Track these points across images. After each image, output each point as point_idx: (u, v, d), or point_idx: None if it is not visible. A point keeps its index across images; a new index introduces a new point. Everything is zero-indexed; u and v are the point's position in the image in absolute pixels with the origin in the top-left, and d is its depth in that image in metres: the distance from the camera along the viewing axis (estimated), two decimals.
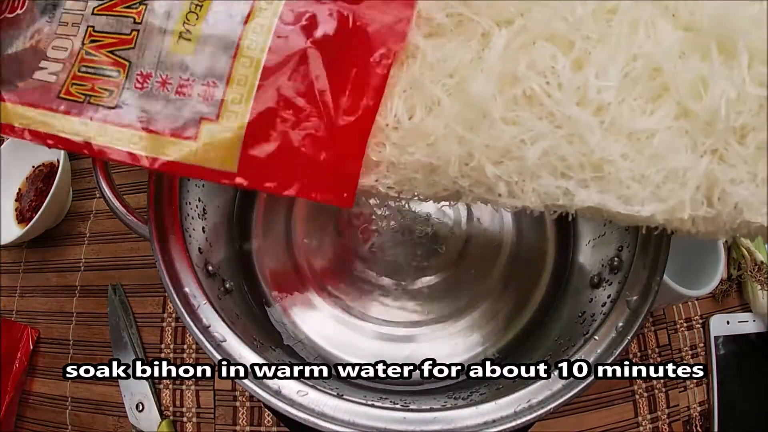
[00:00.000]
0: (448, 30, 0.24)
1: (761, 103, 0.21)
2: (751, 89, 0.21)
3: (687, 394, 0.48)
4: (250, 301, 0.46)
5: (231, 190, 0.49)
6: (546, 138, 0.22)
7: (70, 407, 0.50)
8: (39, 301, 0.55)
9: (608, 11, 0.23)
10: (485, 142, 0.23)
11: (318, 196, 0.26)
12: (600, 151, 0.22)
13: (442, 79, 0.24)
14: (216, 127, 0.26)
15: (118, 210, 0.37)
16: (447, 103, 0.23)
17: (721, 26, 0.22)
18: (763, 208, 0.21)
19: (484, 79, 0.23)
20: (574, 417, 0.46)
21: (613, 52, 0.22)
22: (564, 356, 0.33)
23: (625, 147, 0.22)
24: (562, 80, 0.22)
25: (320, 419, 0.29)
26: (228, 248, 0.46)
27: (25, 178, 0.58)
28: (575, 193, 0.23)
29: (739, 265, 0.51)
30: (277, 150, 0.26)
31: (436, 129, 0.23)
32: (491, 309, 0.46)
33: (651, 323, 0.50)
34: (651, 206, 0.22)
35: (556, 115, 0.22)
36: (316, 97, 0.26)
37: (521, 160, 0.23)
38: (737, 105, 0.21)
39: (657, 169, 0.22)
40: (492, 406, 0.30)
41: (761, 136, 0.21)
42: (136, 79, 0.28)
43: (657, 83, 0.22)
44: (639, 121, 0.22)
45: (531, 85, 0.22)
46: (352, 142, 0.25)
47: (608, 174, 0.22)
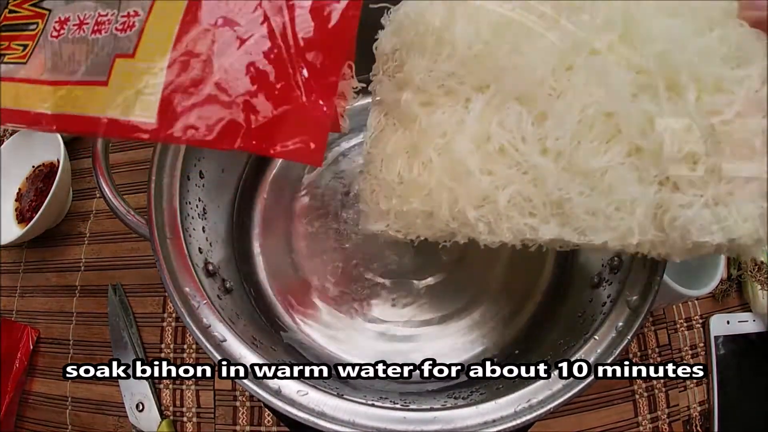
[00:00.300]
0: (439, 98, 0.29)
1: (710, 131, 0.24)
2: (698, 119, 0.24)
3: (687, 393, 0.48)
4: (250, 300, 0.45)
5: (232, 190, 0.49)
6: (515, 183, 0.26)
7: (70, 407, 0.50)
8: (39, 301, 0.55)
9: (567, 68, 0.26)
10: (467, 190, 0.27)
11: (271, 149, 0.22)
12: (559, 191, 0.26)
13: (434, 140, 0.28)
14: (132, 65, 0.22)
15: (118, 210, 0.37)
16: (437, 160, 0.28)
17: (667, 64, 0.24)
18: (713, 226, 0.24)
19: (465, 139, 0.27)
20: (574, 417, 0.46)
21: (570, 103, 0.26)
22: (564, 356, 0.33)
23: (581, 185, 0.25)
24: (525, 134, 0.26)
25: (320, 419, 0.29)
26: (228, 248, 0.46)
27: (25, 178, 0.58)
28: (539, 228, 0.26)
29: (739, 264, 0.51)
30: (208, 97, 0.21)
31: (430, 182, 0.28)
32: (491, 309, 0.46)
33: (651, 323, 0.50)
34: (604, 235, 0.25)
35: (522, 163, 0.26)
36: (268, 17, 0.22)
37: (496, 203, 0.27)
38: (685, 135, 0.24)
39: (608, 201, 0.25)
40: (492, 405, 0.30)
41: (711, 160, 0.24)
42: (53, 27, 0.25)
43: (611, 125, 0.25)
44: (593, 161, 0.25)
45: (501, 141, 0.27)
46: (321, 87, 0.22)
47: (567, 210, 0.26)
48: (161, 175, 0.38)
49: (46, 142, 0.56)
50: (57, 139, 0.55)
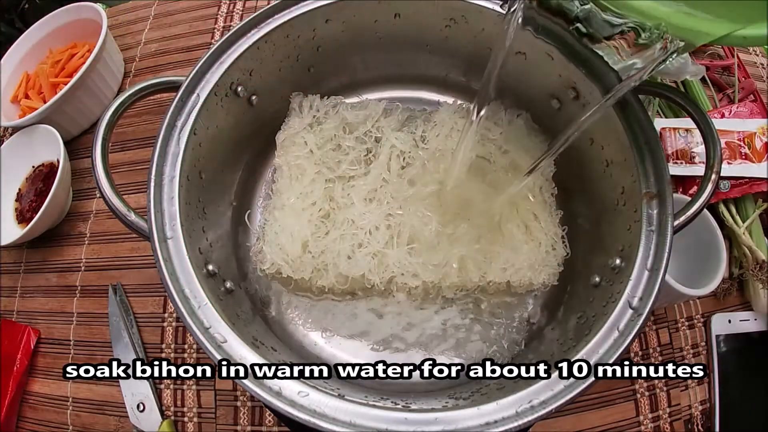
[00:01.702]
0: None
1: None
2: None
3: (688, 393, 0.48)
4: (251, 301, 0.45)
5: (232, 190, 0.49)
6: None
7: (71, 407, 0.50)
8: (39, 301, 0.55)
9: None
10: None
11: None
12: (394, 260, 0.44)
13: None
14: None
15: (118, 210, 0.37)
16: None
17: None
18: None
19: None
20: (575, 416, 0.46)
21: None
22: (565, 356, 0.33)
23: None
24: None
25: (321, 420, 0.29)
26: (228, 249, 0.46)
27: (25, 178, 0.58)
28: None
29: (741, 264, 0.51)
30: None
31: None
32: (492, 308, 0.46)
33: (652, 322, 0.50)
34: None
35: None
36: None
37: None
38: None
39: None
40: (493, 406, 0.30)
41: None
42: None
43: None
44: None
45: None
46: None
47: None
48: (161, 175, 0.38)
49: (46, 142, 0.56)
50: (57, 139, 0.55)
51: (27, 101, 0.60)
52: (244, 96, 0.45)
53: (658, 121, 0.56)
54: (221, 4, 0.70)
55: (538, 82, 0.46)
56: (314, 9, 0.44)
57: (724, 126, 0.53)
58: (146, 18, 0.71)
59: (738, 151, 0.52)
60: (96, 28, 0.60)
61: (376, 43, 0.50)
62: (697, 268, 0.46)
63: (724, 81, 0.62)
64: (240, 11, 0.69)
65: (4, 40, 0.76)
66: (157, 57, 0.67)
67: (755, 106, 0.55)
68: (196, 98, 0.40)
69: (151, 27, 0.70)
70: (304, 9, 0.44)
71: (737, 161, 0.52)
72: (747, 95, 0.60)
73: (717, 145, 0.38)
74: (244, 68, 0.43)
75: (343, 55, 0.51)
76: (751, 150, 0.52)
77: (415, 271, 0.44)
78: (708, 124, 0.38)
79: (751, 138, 0.53)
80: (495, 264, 0.44)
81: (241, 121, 0.46)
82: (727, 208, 0.52)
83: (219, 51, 0.42)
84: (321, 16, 0.45)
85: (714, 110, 0.56)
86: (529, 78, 0.46)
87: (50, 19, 0.63)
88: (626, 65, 0.31)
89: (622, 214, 0.40)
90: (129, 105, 0.39)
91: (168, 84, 0.41)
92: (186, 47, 0.67)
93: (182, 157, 0.38)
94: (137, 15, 0.72)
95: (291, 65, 0.48)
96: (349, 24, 0.47)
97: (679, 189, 0.53)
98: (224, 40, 0.42)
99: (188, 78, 0.40)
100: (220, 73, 0.41)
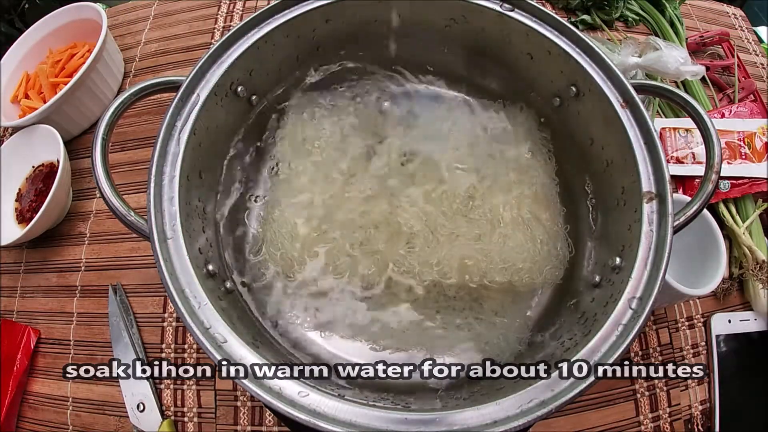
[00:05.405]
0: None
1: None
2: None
3: (688, 393, 0.48)
4: (251, 301, 0.45)
5: (232, 190, 0.49)
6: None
7: (71, 407, 0.50)
8: (40, 301, 0.55)
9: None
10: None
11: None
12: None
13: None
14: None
15: (118, 210, 0.37)
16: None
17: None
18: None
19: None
20: (575, 416, 0.46)
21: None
22: (565, 356, 0.33)
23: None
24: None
25: (321, 420, 0.29)
26: (228, 249, 0.46)
27: (25, 178, 0.58)
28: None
29: (741, 264, 0.51)
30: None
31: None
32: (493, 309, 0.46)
33: (652, 322, 0.50)
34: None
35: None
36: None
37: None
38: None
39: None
40: (493, 406, 0.30)
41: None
42: None
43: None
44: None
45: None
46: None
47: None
48: (161, 175, 0.38)
49: (46, 142, 0.56)
50: (57, 139, 0.55)
51: (27, 101, 0.60)
52: (244, 96, 0.45)
53: (658, 121, 0.56)
54: (221, 4, 0.70)
55: (539, 79, 0.46)
56: (314, 9, 0.44)
57: (724, 126, 0.53)
58: (146, 18, 0.71)
59: (738, 151, 0.52)
60: (96, 28, 0.60)
61: (377, 43, 0.50)
62: (697, 268, 0.46)
63: (724, 81, 0.62)
64: (240, 11, 0.69)
65: (4, 40, 0.76)
66: (157, 57, 0.67)
67: (755, 106, 0.56)
68: (196, 98, 0.40)
69: (151, 27, 0.70)
70: (304, 9, 0.44)
71: (737, 161, 0.52)
72: (747, 95, 0.60)
73: (717, 145, 0.38)
74: (244, 68, 0.43)
75: (343, 55, 0.51)
76: (751, 150, 0.52)
77: (415, 270, 0.44)
78: (708, 124, 0.38)
79: (751, 138, 0.53)
80: (496, 263, 0.44)
81: (241, 121, 0.46)
82: (727, 208, 0.52)
83: (219, 51, 0.42)
84: (321, 16, 0.45)
85: (714, 110, 0.56)
86: (531, 75, 0.46)
87: (50, 19, 0.63)
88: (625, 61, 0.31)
89: (622, 214, 0.40)
90: (129, 105, 0.39)
91: (168, 84, 0.41)
92: (186, 47, 0.67)
93: (182, 157, 0.38)
94: (137, 15, 0.72)
95: (291, 65, 0.48)
96: (350, 24, 0.47)
97: (679, 189, 0.53)
98: (224, 40, 0.42)
99: (188, 78, 0.40)
100: (220, 73, 0.41)
